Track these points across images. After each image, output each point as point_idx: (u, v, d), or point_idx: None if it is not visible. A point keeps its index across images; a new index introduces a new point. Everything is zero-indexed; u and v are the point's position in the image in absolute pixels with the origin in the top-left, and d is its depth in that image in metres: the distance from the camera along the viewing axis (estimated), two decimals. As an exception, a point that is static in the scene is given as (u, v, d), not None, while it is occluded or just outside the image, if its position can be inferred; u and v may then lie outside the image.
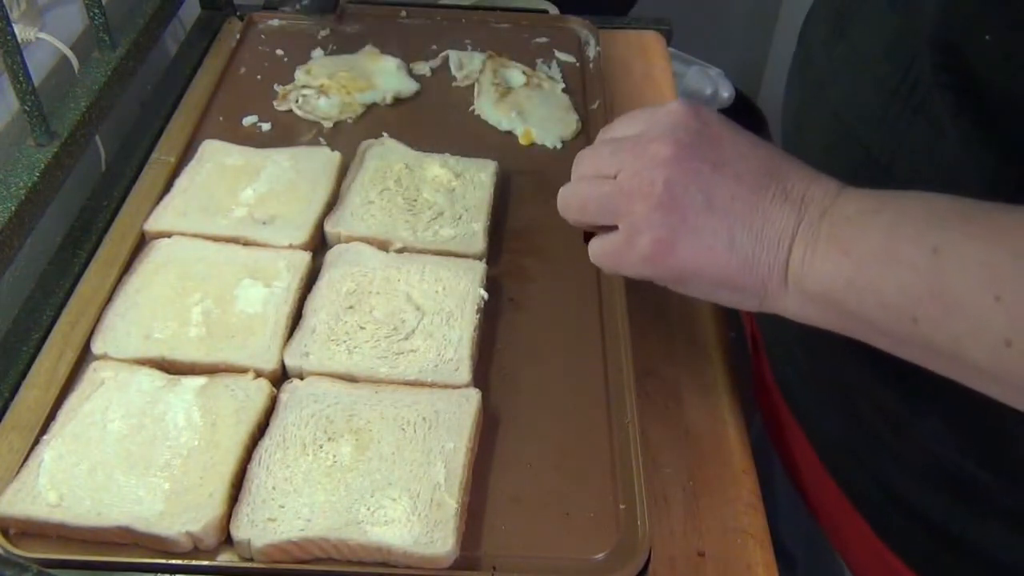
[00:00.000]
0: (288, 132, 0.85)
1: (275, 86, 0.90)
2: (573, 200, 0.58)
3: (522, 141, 0.85)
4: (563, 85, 0.91)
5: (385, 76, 0.91)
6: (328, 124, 0.86)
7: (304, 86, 0.89)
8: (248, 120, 0.86)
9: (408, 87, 0.91)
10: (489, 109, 0.88)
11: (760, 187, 0.51)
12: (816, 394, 0.68)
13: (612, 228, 0.55)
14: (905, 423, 0.59)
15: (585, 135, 0.86)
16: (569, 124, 0.86)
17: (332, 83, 0.89)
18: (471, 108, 0.89)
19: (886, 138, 0.54)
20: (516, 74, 0.92)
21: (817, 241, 0.49)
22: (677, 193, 0.51)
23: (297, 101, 0.88)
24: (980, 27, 0.46)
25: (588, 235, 0.59)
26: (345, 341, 0.63)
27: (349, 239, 0.71)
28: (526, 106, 0.88)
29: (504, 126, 0.87)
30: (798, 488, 0.72)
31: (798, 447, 0.71)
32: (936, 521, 0.60)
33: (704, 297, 0.55)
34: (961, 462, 0.56)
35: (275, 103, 0.88)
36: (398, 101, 0.90)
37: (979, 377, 0.44)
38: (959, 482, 0.57)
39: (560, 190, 0.59)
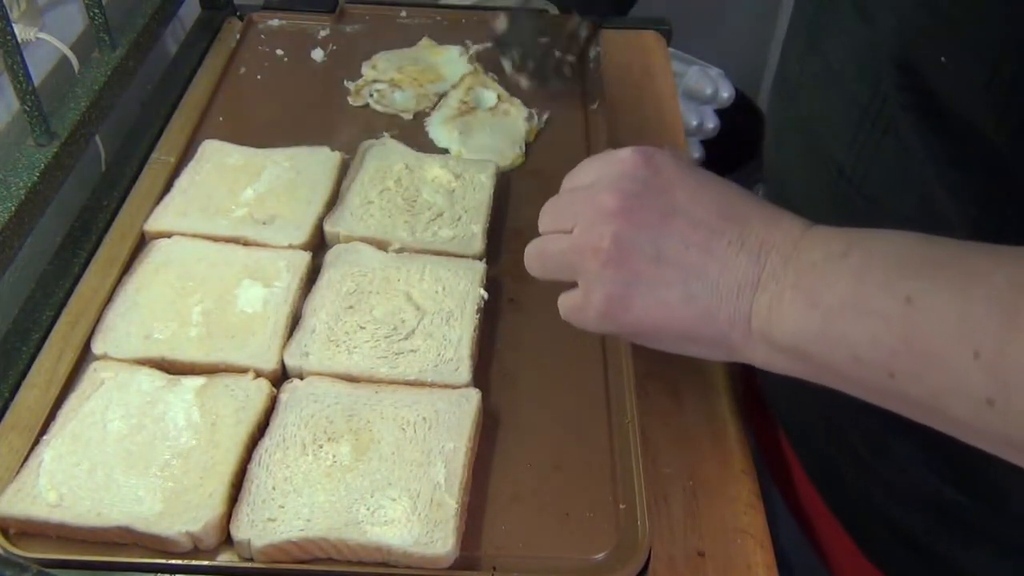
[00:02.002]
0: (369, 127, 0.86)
1: (345, 82, 0.91)
2: (534, 258, 0.56)
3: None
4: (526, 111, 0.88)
5: (450, 65, 0.92)
6: (408, 116, 0.87)
7: (375, 80, 0.90)
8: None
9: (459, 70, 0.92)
10: (437, 124, 0.86)
11: (715, 233, 0.49)
12: (803, 414, 0.68)
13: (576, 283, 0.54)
14: (885, 446, 0.58)
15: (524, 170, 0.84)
16: (506, 158, 0.83)
17: (402, 76, 0.90)
18: (425, 119, 0.88)
19: (857, 157, 0.53)
20: (489, 95, 0.90)
21: (783, 290, 0.46)
22: (626, 247, 0.49)
23: (372, 96, 0.89)
24: (935, 49, 0.45)
25: None
26: (345, 341, 0.63)
27: (348, 239, 0.71)
28: (474, 129, 0.86)
29: (441, 143, 0.85)
30: (789, 502, 0.72)
31: (788, 463, 0.71)
32: (921, 543, 0.59)
33: (671, 351, 0.53)
34: (940, 486, 0.56)
35: (349, 99, 0.89)
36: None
37: (961, 431, 0.42)
38: (940, 506, 0.57)
39: (527, 247, 0.57)
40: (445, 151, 0.84)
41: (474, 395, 0.60)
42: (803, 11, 0.62)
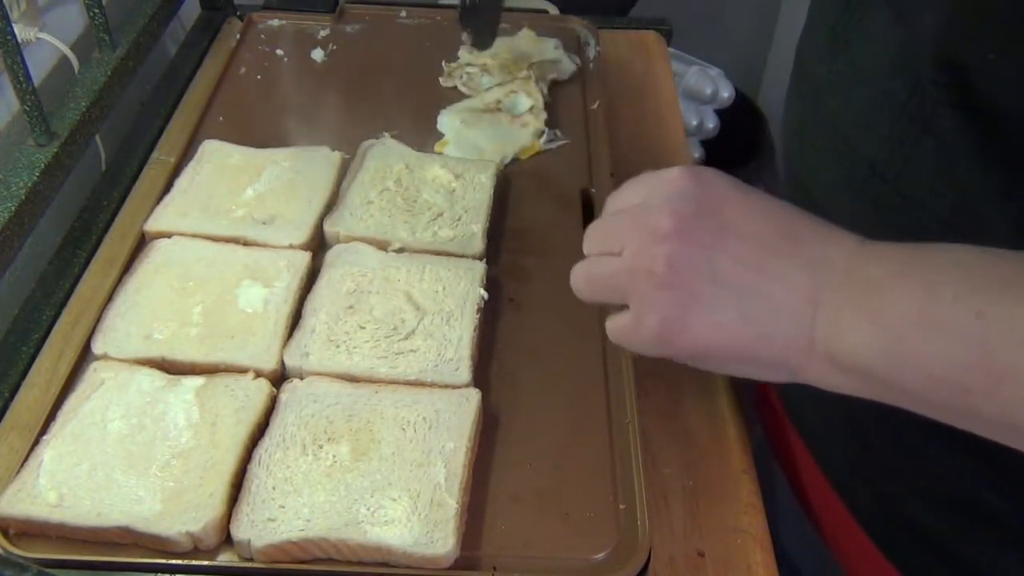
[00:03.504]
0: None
1: (442, 63, 0.94)
2: (582, 280, 0.55)
3: (436, 147, 0.84)
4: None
5: (543, 59, 0.94)
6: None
7: (468, 64, 0.92)
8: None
9: (566, 68, 0.94)
10: (456, 110, 0.87)
11: (770, 250, 0.47)
12: (823, 415, 0.67)
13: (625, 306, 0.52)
14: (915, 449, 0.58)
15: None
16: (482, 161, 0.81)
17: (495, 63, 0.92)
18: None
19: (892, 154, 0.53)
20: (523, 103, 0.88)
21: (843, 309, 0.45)
22: (680, 269, 0.48)
23: (462, 78, 0.91)
24: (983, 46, 0.45)
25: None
26: (345, 341, 0.63)
27: (348, 239, 0.71)
28: (478, 125, 0.85)
29: (443, 127, 0.86)
30: (801, 501, 0.72)
31: (802, 464, 0.71)
32: (947, 546, 0.59)
33: (729, 373, 0.51)
34: (973, 488, 0.56)
35: (440, 80, 0.92)
36: (555, 83, 0.93)
37: None
38: (973, 509, 0.56)
39: (572, 269, 0.56)
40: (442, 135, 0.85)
41: (474, 395, 0.60)
42: (824, 14, 0.61)
